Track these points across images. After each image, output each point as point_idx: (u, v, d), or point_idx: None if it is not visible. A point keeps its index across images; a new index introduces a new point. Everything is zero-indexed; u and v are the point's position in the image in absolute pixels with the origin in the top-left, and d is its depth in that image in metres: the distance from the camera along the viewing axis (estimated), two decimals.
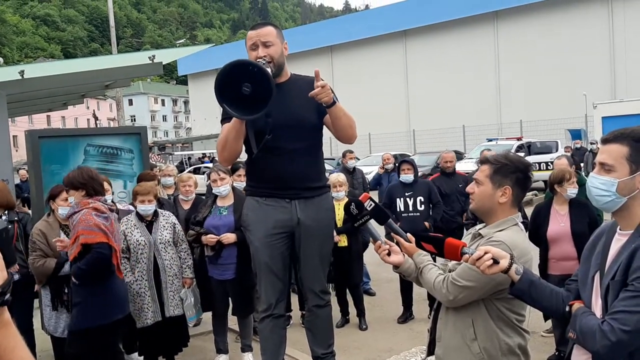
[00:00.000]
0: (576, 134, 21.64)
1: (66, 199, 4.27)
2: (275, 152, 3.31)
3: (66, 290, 4.25)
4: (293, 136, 3.29)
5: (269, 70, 2.96)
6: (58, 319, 4.30)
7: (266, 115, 3.05)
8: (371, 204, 2.51)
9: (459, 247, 2.11)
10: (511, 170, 2.35)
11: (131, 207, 5.07)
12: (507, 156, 2.44)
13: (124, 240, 4.51)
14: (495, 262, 2.01)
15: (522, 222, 2.43)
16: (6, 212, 4.67)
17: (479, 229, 2.45)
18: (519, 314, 2.32)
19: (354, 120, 3.29)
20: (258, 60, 3.11)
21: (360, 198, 2.55)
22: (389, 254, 2.46)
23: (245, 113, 2.91)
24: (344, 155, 8.36)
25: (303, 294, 3.70)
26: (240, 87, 2.82)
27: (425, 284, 2.42)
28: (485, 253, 2.01)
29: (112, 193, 5.00)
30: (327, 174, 4.98)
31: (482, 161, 2.46)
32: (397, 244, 2.49)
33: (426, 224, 6.09)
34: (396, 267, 2.49)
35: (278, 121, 3.26)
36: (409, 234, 2.51)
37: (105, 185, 4.84)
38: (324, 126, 3.41)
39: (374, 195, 6.56)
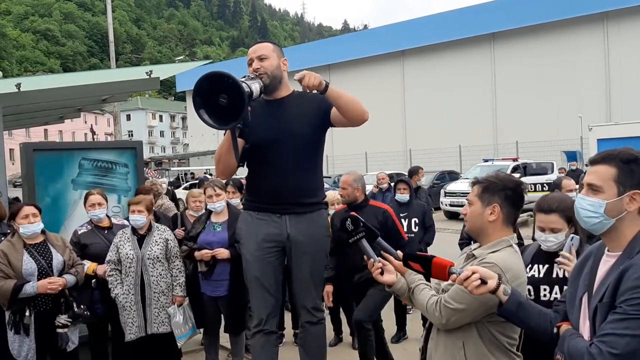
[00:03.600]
0: (572, 156, 21.73)
1: (27, 217, 4.14)
2: (270, 167, 3.34)
3: (27, 313, 4.06)
4: (288, 151, 3.31)
5: (255, 85, 3.01)
6: (21, 343, 4.09)
7: (244, 125, 3.06)
8: (361, 222, 2.52)
9: (446, 267, 2.10)
10: (499, 188, 2.35)
11: (125, 222, 5.05)
12: (497, 175, 2.45)
13: (116, 253, 4.49)
14: (484, 282, 2.00)
15: (517, 244, 2.42)
16: None
17: (473, 249, 2.44)
18: (511, 337, 2.29)
19: (356, 98, 3.25)
20: (249, 74, 3.17)
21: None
22: (382, 273, 2.45)
23: (220, 123, 2.93)
24: (416, 172, 8.06)
25: (296, 310, 3.68)
26: (218, 98, 2.84)
27: (418, 305, 2.40)
28: (473, 273, 2.01)
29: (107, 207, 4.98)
30: None
31: (474, 182, 2.47)
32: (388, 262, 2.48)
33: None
34: (389, 286, 2.48)
35: (273, 136, 3.30)
36: (399, 252, 2.51)
37: (100, 199, 4.82)
38: (337, 126, 3.41)
39: None
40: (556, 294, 2.82)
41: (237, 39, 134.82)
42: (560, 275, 2.91)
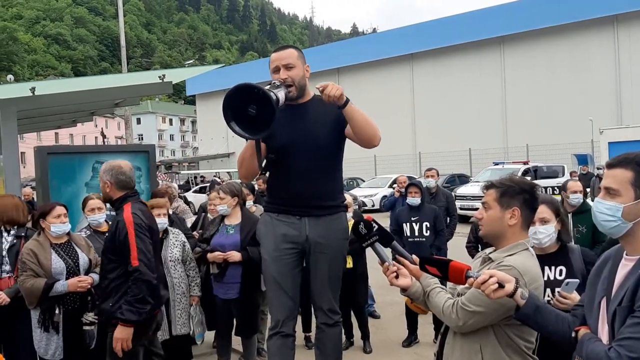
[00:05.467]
0: (582, 159, 21.58)
1: (59, 216, 4.20)
2: (290, 170, 3.38)
3: (57, 311, 4.12)
4: (308, 155, 3.35)
5: (281, 93, 3.03)
6: (49, 341, 4.13)
7: (270, 136, 3.12)
8: (375, 226, 2.52)
9: (463, 271, 2.09)
10: (517, 192, 2.35)
11: None
12: (511, 178, 2.45)
13: None
14: (501, 286, 2.00)
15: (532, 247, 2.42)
16: (15, 227, 4.66)
17: (489, 252, 2.43)
18: (528, 340, 2.29)
19: (372, 120, 3.29)
20: (273, 81, 3.20)
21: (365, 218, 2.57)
22: (396, 277, 2.45)
23: (251, 133, 2.97)
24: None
25: (313, 311, 3.70)
26: (247, 109, 2.89)
27: (434, 308, 2.39)
28: (491, 277, 2.00)
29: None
30: None
31: (488, 186, 2.46)
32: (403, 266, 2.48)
33: None
34: (404, 290, 2.48)
35: (294, 140, 3.35)
36: (414, 256, 2.50)
37: (99, 203, 4.71)
38: (346, 141, 3.46)
39: (385, 218, 6.55)
40: (548, 296, 2.85)
41: (246, 43, 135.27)
42: (552, 278, 2.96)
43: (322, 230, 3.43)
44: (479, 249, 5.84)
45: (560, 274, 2.98)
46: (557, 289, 2.79)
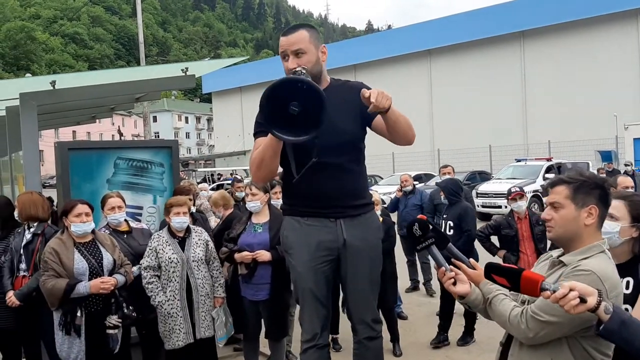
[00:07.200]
0: (607, 156, 21.11)
1: (79, 215, 4.03)
2: (318, 167, 2.93)
3: (79, 314, 3.95)
4: (335, 149, 2.95)
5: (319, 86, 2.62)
6: (71, 344, 3.97)
7: (314, 137, 2.70)
8: (430, 226, 2.29)
9: (538, 282, 1.82)
10: (592, 187, 2.10)
11: (144, 226, 4.93)
12: (582, 173, 2.19)
13: (155, 258, 4.31)
14: (582, 300, 1.74)
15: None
16: (35, 224, 4.52)
17: (558, 255, 2.16)
18: (606, 354, 2.03)
19: (409, 121, 2.95)
20: (295, 70, 2.78)
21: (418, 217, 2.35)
22: (454, 283, 2.22)
23: (292, 134, 2.56)
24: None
25: (351, 325, 3.29)
26: (287, 107, 2.49)
27: (497, 317, 2.14)
28: (571, 290, 1.75)
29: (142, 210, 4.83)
30: None
31: (555, 182, 2.19)
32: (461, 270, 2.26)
33: None
34: (461, 297, 2.24)
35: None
36: (472, 260, 2.28)
37: (119, 202, 4.59)
38: (374, 132, 3.09)
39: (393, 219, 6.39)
40: None
41: (261, 40, 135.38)
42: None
43: (359, 231, 3.08)
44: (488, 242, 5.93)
45: (627, 287, 2.49)
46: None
